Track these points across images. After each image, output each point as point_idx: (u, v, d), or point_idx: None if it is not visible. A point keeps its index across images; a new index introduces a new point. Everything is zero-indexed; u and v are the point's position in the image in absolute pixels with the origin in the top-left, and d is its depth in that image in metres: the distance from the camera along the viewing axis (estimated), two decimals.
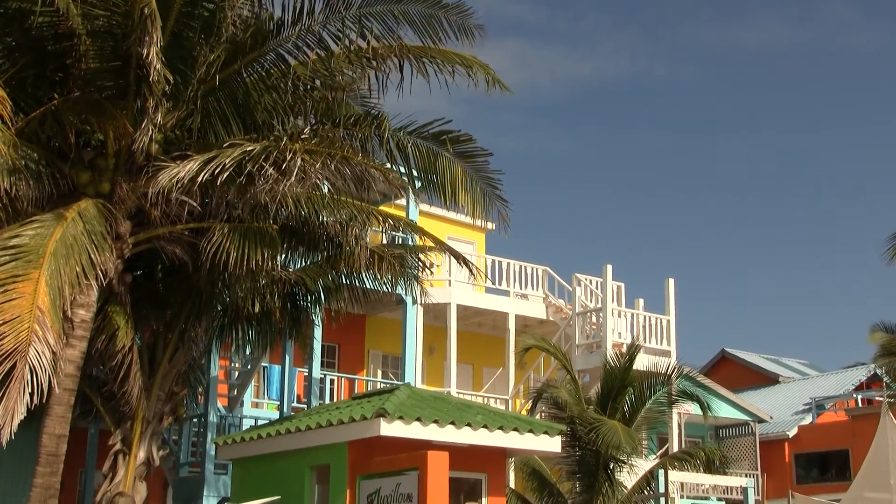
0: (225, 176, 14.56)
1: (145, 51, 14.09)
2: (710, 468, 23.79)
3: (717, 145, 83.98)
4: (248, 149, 14.74)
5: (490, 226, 18.57)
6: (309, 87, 16.77)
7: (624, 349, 24.92)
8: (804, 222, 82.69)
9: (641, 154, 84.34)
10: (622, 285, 31.87)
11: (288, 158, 14.52)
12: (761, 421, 37.48)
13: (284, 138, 14.97)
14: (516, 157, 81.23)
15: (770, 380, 45.09)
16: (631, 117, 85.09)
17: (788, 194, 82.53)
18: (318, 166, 14.71)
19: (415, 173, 18.06)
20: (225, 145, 15.20)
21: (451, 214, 32.02)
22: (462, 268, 19.17)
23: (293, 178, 14.50)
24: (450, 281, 29.93)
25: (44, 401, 12.87)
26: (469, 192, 18.13)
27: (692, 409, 26.67)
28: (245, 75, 16.60)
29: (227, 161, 14.59)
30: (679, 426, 31.83)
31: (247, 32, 15.91)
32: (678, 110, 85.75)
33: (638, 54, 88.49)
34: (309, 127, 16.49)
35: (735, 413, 36.65)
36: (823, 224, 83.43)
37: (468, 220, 18.53)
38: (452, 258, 18.98)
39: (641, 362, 24.45)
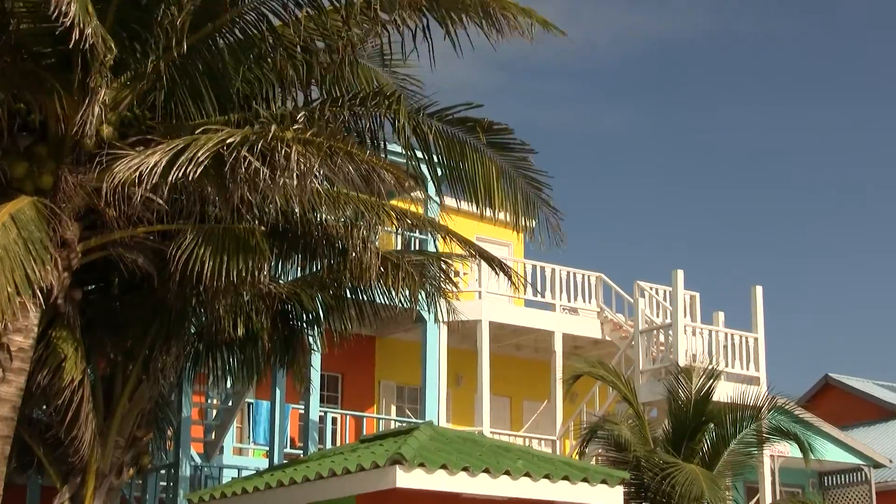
0: (199, 171, 14.47)
1: (63, 9, 13.74)
2: None
3: (817, 119, 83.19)
4: (227, 139, 14.58)
5: (532, 223, 18.46)
6: (300, 53, 16.70)
7: (700, 375, 24.81)
8: None
9: (721, 133, 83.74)
10: (696, 295, 31.73)
11: (278, 150, 14.41)
12: (878, 465, 37.25)
13: (273, 125, 14.86)
14: (565, 134, 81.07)
15: (888, 413, 44.80)
16: (708, 86, 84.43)
17: None
18: (314, 163, 14.57)
19: (436, 164, 18.01)
20: (198, 131, 15.11)
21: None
22: (497, 275, 19.12)
23: (284, 176, 14.40)
24: (480, 293, 29.87)
25: None
26: (508, 193, 18.10)
27: (789, 450, 26.56)
28: (220, 39, 16.58)
29: (201, 153, 14.49)
30: (773, 472, 31.67)
31: None
32: (768, 76, 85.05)
33: (720, 6, 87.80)
34: (304, 111, 16.31)
35: (844, 455, 36.43)
36: None
37: (500, 216, 18.46)
38: (484, 264, 18.95)
39: (723, 392, 24.31)
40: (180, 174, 14.47)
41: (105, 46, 14.51)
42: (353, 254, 17.18)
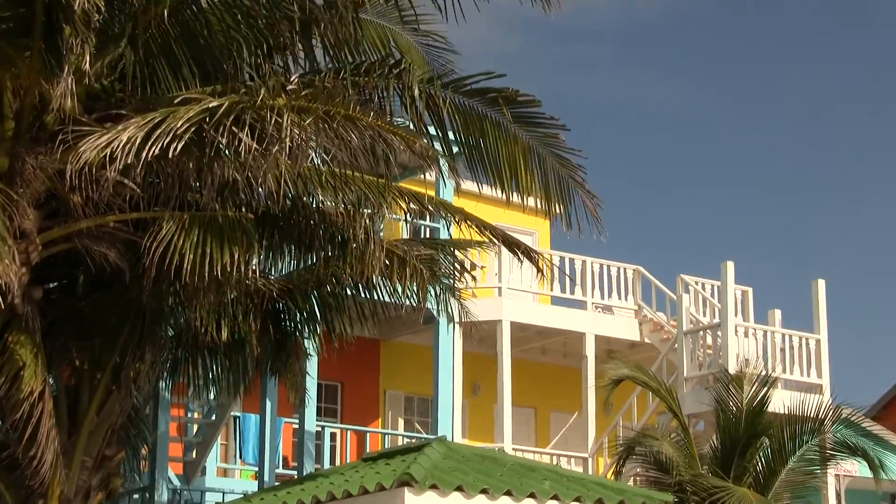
0: (178, 147, 14.42)
1: None
2: None
3: None
4: (210, 108, 14.57)
5: (564, 209, 18.39)
6: (297, 12, 16.64)
7: (754, 382, 24.79)
8: None
9: (784, 100, 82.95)
10: (749, 291, 31.76)
11: (268, 120, 14.35)
12: None
13: (262, 90, 14.82)
14: (598, 106, 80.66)
15: None
16: (770, 48, 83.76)
17: None
18: (309, 132, 14.52)
19: (451, 141, 17.95)
20: (177, 101, 15.08)
21: (499, 193, 31.93)
22: (521, 263, 19.05)
23: (276, 148, 14.34)
24: (500, 289, 29.83)
25: None
26: (536, 174, 18.03)
27: (857, 468, 26.51)
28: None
29: (180, 125, 14.45)
30: (838, 494, 31.62)
31: None
32: (845, 35, 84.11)
33: None
34: (297, 74, 16.31)
35: None
36: None
37: (528, 201, 18.40)
38: (506, 255, 18.89)
39: (780, 401, 24.26)
40: (156, 150, 14.43)
41: (94, 5, 14.49)
42: (355, 245, 17.14)
